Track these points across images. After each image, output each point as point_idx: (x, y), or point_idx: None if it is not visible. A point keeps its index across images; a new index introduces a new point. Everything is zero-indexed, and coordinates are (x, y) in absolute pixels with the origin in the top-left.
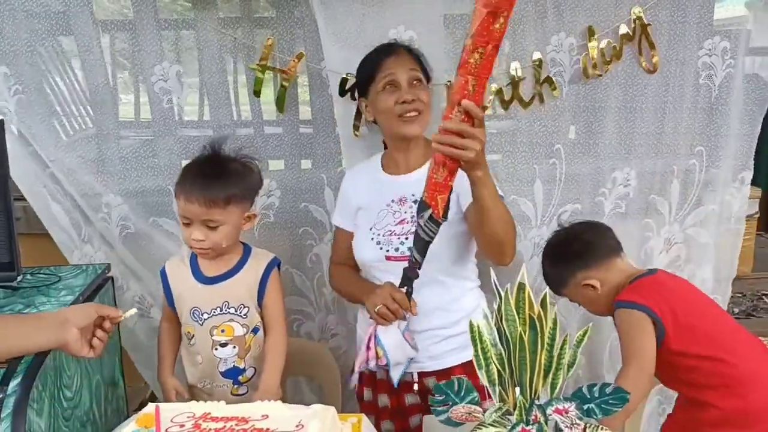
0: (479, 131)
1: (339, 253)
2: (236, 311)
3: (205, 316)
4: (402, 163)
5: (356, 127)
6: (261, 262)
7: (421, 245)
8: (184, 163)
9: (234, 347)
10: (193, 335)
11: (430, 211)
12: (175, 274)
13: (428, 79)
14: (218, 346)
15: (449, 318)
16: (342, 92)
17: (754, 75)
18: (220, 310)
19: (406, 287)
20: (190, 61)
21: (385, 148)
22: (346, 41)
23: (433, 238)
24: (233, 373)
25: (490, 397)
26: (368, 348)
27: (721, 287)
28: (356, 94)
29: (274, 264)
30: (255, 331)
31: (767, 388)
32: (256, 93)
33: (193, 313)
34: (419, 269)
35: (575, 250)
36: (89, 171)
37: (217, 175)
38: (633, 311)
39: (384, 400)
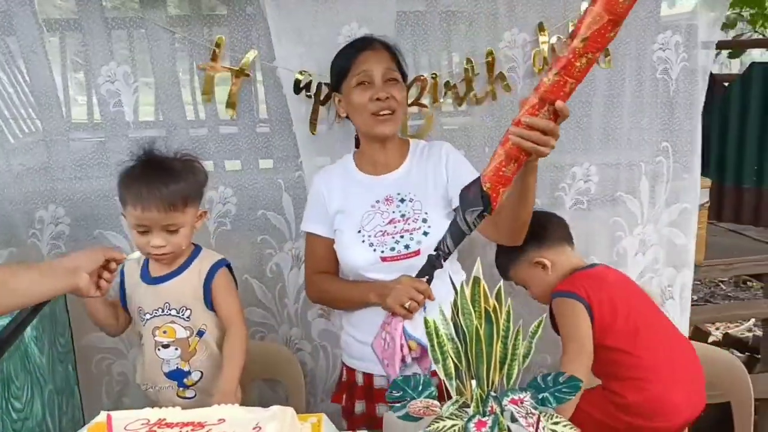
0: (558, 128)
1: (318, 262)
2: (178, 313)
3: (147, 316)
4: (380, 163)
5: (313, 125)
6: (205, 264)
7: (459, 237)
8: None
9: (176, 349)
10: (142, 335)
11: (480, 209)
12: (129, 274)
13: (404, 77)
14: (160, 347)
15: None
16: (297, 90)
17: (697, 68)
18: (162, 311)
19: (427, 276)
20: (140, 61)
21: (356, 146)
22: (299, 38)
23: (472, 231)
24: (177, 375)
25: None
26: (401, 346)
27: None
28: (310, 91)
29: (221, 264)
30: (200, 334)
31: (669, 384)
32: (205, 94)
33: (138, 312)
34: (446, 260)
35: (530, 229)
36: (32, 178)
37: (171, 177)
38: (567, 299)
39: (383, 409)
